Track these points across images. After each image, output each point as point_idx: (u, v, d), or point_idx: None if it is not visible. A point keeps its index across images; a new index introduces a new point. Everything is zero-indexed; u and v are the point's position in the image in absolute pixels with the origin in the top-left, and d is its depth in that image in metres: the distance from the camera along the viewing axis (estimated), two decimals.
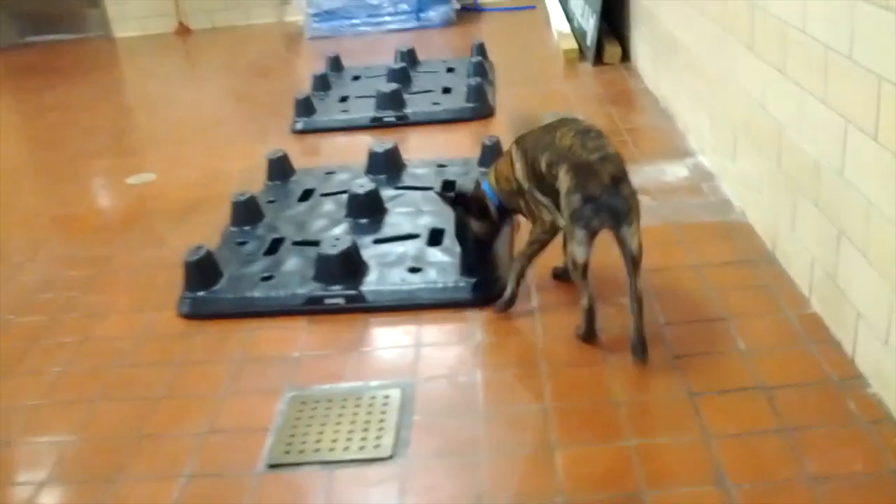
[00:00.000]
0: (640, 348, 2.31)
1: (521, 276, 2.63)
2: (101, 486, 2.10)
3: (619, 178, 2.27)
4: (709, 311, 2.56)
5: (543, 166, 2.39)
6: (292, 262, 3.01)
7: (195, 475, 2.11)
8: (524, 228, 2.76)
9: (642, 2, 4.86)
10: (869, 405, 2.08)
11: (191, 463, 2.15)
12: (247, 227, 3.31)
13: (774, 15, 2.67)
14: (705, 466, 1.95)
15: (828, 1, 2.25)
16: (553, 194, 2.37)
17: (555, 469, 1.99)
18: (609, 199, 2.25)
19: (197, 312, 2.83)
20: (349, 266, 2.83)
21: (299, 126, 4.68)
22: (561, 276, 2.75)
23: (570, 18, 6.19)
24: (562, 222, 2.39)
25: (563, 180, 2.29)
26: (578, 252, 2.31)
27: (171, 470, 2.13)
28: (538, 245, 2.55)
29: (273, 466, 2.11)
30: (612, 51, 5.31)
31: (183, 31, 8.16)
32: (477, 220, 2.67)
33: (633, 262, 2.33)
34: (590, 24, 5.44)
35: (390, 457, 2.10)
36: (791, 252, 2.67)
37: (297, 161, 3.97)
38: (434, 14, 7.14)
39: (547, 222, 2.48)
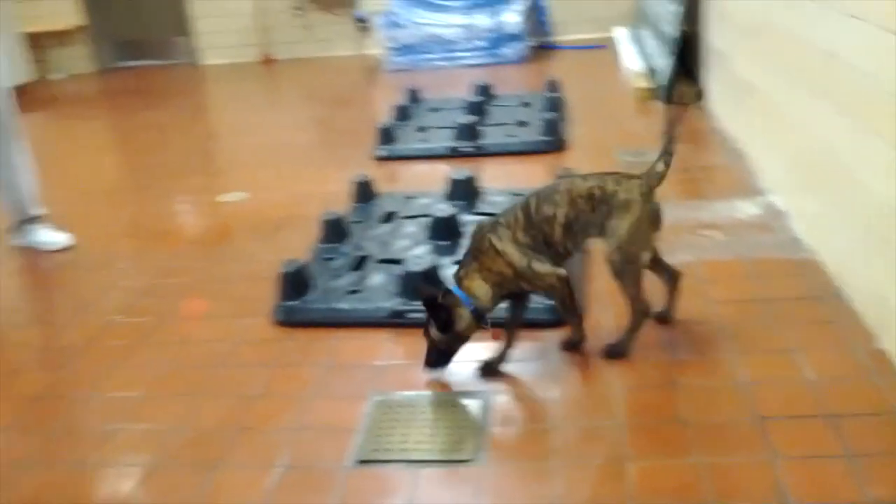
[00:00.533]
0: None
1: (581, 319, 2.69)
2: (203, 472, 2.29)
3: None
4: (778, 343, 2.66)
5: (558, 229, 2.52)
6: (377, 278, 3.20)
7: (288, 467, 2.28)
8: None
9: (716, 45, 4.99)
10: None
11: (284, 455, 2.33)
12: (334, 245, 3.52)
13: (848, 63, 2.78)
14: (771, 485, 2.05)
15: None
16: (556, 250, 2.54)
17: (626, 480, 2.12)
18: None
19: (289, 320, 3.03)
20: (431, 283, 3.00)
21: (380, 153, 4.91)
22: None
23: (644, 58, 6.34)
24: (563, 271, 2.53)
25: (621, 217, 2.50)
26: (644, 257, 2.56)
27: (267, 461, 2.31)
28: (568, 301, 2.58)
29: (361, 462, 2.28)
30: (686, 91, 5.43)
31: (267, 60, 8.54)
32: (437, 330, 2.52)
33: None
34: (664, 64, 5.58)
35: (469, 460, 2.25)
36: (860, 289, 2.76)
37: (378, 186, 4.18)
38: (509, 51, 7.37)
39: (556, 282, 2.52)
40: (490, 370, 2.63)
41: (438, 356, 2.57)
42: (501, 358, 2.65)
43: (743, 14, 4.36)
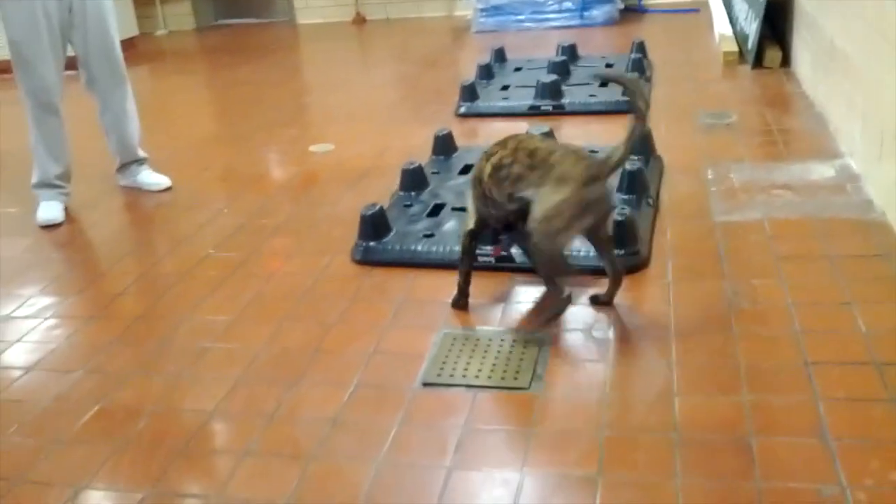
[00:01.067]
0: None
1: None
2: (285, 387, 2.52)
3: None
4: (836, 296, 2.72)
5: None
6: (451, 224, 3.37)
7: (361, 385, 2.49)
8: None
9: (806, 9, 4.94)
10: None
11: (358, 376, 2.54)
12: (413, 193, 3.71)
13: None
14: (810, 422, 2.15)
15: None
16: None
17: (673, 412, 2.24)
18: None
19: (367, 259, 3.24)
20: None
21: (462, 110, 5.06)
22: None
23: (732, 22, 6.28)
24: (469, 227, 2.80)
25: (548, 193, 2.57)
26: None
27: (342, 379, 2.52)
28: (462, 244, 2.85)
29: (426, 385, 2.47)
30: (773, 55, 5.40)
31: (359, 20, 8.76)
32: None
33: None
34: (752, 28, 5.54)
35: (526, 388, 2.41)
36: None
37: (459, 141, 4.34)
38: (597, 13, 7.38)
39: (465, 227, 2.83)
40: (597, 301, 2.79)
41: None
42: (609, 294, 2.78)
43: None
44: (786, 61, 5.38)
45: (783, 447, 2.08)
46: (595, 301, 2.81)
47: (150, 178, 4.25)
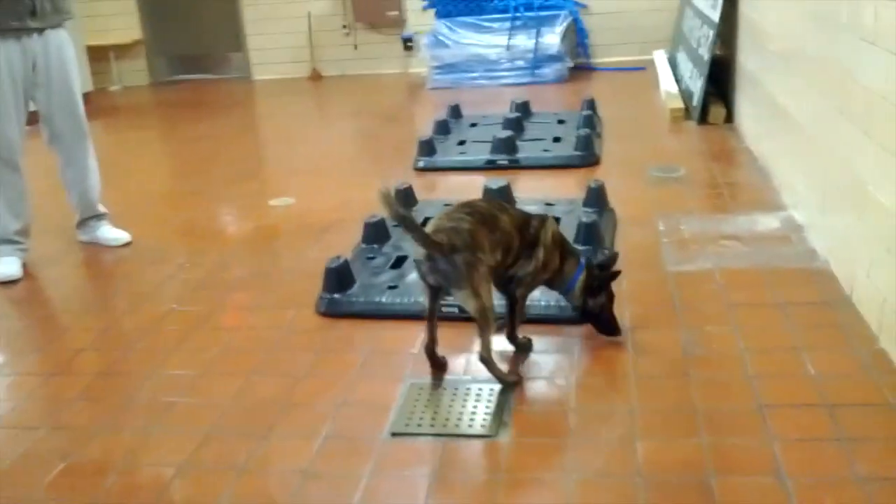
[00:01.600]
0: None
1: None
2: (255, 439, 2.54)
3: (456, 249, 2.55)
4: (786, 342, 2.85)
5: None
6: (414, 276, 3.42)
7: (331, 436, 2.53)
8: None
9: (748, 68, 5.19)
10: None
11: (327, 427, 2.57)
12: (375, 245, 3.78)
13: (862, 84, 2.98)
14: (767, 462, 2.24)
15: None
16: None
17: (636, 455, 2.32)
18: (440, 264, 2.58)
19: (332, 311, 3.28)
20: None
21: (421, 164, 5.18)
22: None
23: (678, 80, 6.55)
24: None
25: None
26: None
27: (312, 431, 2.55)
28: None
29: (395, 434, 2.51)
30: (717, 111, 5.64)
31: (315, 76, 8.90)
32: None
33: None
34: (697, 85, 5.79)
35: (494, 435, 2.47)
36: (865, 295, 2.93)
37: (418, 195, 4.44)
38: (548, 70, 7.62)
39: None
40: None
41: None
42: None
43: (773, 39, 4.55)
44: (729, 117, 5.63)
45: (742, 487, 2.17)
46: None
47: (110, 233, 4.26)
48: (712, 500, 2.12)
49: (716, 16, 5.55)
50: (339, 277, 3.35)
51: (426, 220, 4.03)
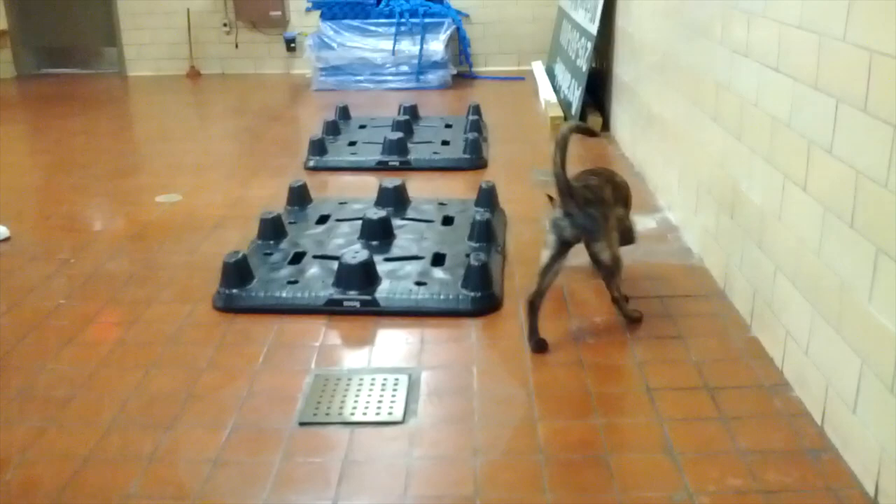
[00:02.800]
0: (629, 323, 3.08)
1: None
2: (160, 430, 2.52)
3: (592, 203, 2.92)
4: (668, 331, 3.06)
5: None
6: (314, 271, 3.48)
7: (238, 427, 2.54)
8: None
9: (623, 79, 5.48)
10: (791, 404, 2.57)
11: (234, 418, 2.58)
12: (272, 242, 3.79)
13: (735, 93, 3.24)
14: (657, 440, 2.42)
15: (775, 82, 2.81)
16: None
17: (537, 436, 2.45)
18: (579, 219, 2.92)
19: (231, 306, 3.28)
20: (366, 275, 3.30)
21: (311, 164, 5.20)
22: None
23: (556, 90, 6.82)
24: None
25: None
26: (543, 254, 2.98)
27: (218, 422, 2.55)
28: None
29: (303, 424, 2.55)
30: (594, 120, 5.91)
31: (194, 74, 8.73)
32: None
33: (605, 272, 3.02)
34: (575, 95, 6.05)
35: (401, 421, 2.55)
36: (737, 288, 3.19)
37: (311, 193, 4.46)
38: (432, 77, 7.77)
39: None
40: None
41: None
42: None
43: (649, 51, 4.84)
44: (606, 126, 5.91)
45: (636, 462, 2.33)
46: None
47: None
48: (609, 475, 2.27)
49: (594, 29, 5.83)
50: (237, 272, 3.35)
51: (323, 217, 4.10)
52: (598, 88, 6.13)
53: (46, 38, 9.05)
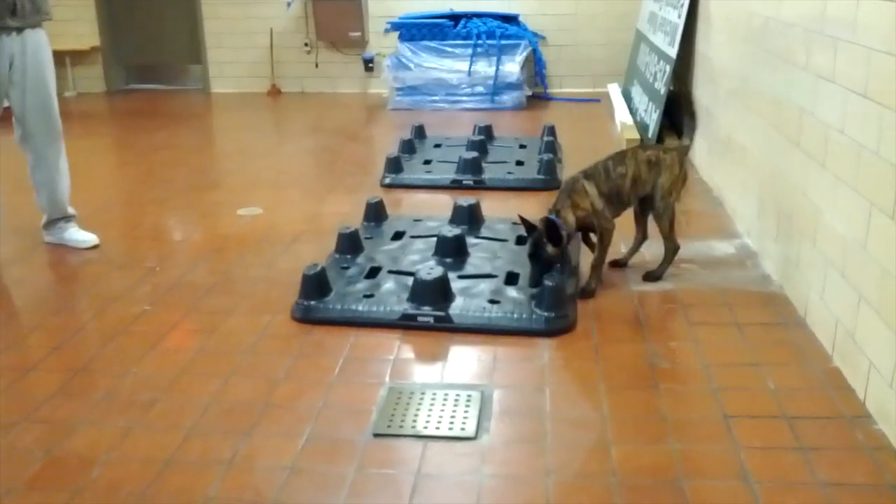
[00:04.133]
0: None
1: (600, 269, 3.59)
2: (239, 437, 2.59)
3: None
4: (746, 358, 3.01)
5: (628, 182, 3.60)
6: (389, 286, 3.53)
7: (313, 436, 2.59)
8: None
9: (702, 103, 5.43)
10: (874, 437, 2.50)
11: (310, 428, 2.63)
12: (349, 256, 3.86)
13: (819, 119, 3.18)
14: (734, 467, 2.38)
15: (862, 109, 2.76)
16: (619, 202, 3.63)
17: (610, 458, 2.44)
18: None
19: (308, 317, 3.34)
20: (440, 291, 3.34)
21: (387, 181, 5.27)
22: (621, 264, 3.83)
23: (632, 112, 6.78)
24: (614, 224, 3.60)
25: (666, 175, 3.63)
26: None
27: (294, 431, 2.61)
28: (608, 243, 3.59)
29: (377, 435, 2.59)
30: (671, 143, 5.86)
31: (274, 92, 8.94)
32: (550, 245, 3.42)
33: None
34: (652, 118, 6.01)
35: (474, 437, 2.57)
36: (819, 317, 3.12)
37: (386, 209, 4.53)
38: (507, 98, 7.80)
39: (612, 227, 3.58)
40: (651, 276, 3.70)
41: (539, 272, 3.42)
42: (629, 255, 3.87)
43: (728, 75, 4.79)
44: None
45: (712, 489, 2.30)
46: (615, 263, 3.85)
47: (78, 235, 4.25)
48: (684, 501, 2.25)
49: (673, 52, 5.79)
50: (316, 284, 3.42)
51: (398, 233, 4.16)
52: (675, 111, 6.07)
53: (135, 55, 9.39)
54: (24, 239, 4.32)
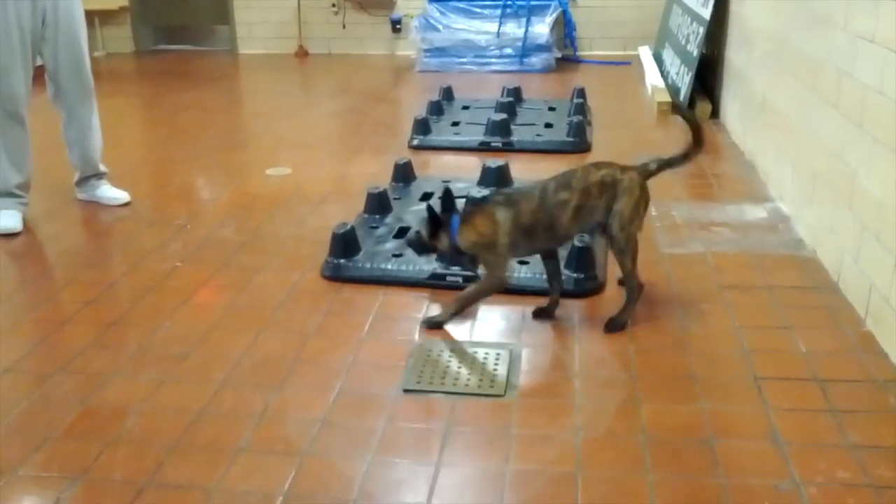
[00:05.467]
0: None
1: (457, 314, 2.97)
2: (270, 390, 2.61)
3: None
4: (777, 321, 2.99)
5: (568, 213, 2.85)
6: None
7: (343, 391, 2.61)
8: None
9: (736, 65, 5.34)
10: None
11: (339, 383, 2.65)
12: (377, 216, 3.86)
13: (858, 80, 3.12)
14: (763, 428, 2.38)
15: None
16: (545, 238, 2.89)
17: (639, 416, 2.44)
18: None
19: (338, 276, 3.36)
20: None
21: (415, 142, 5.26)
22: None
23: (664, 76, 6.69)
24: (508, 279, 2.97)
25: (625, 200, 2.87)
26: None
27: (324, 386, 2.63)
28: (484, 294, 2.96)
29: (407, 391, 2.60)
30: (703, 107, 5.79)
31: (301, 53, 8.91)
32: (424, 231, 2.96)
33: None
34: (684, 81, 5.93)
35: (502, 395, 2.58)
36: (852, 281, 3.09)
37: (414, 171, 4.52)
38: (536, 60, 7.73)
39: (501, 278, 2.92)
40: (615, 325, 2.94)
41: (418, 248, 3.02)
42: (551, 306, 3.05)
43: (764, 38, 4.70)
44: (715, 113, 5.78)
45: (741, 449, 2.30)
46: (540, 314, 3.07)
47: (110, 192, 4.28)
48: (714, 460, 2.25)
49: (707, 13, 5.70)
50: (345, 243, 3.43)
51: (426, 194, 4.15)
52: (707, 75, 5.99)
53: (163, 16, 9.39)
54: (57, 196, 4.36)
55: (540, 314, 3.04)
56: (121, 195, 4.28)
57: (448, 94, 6.22)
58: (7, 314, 3.18)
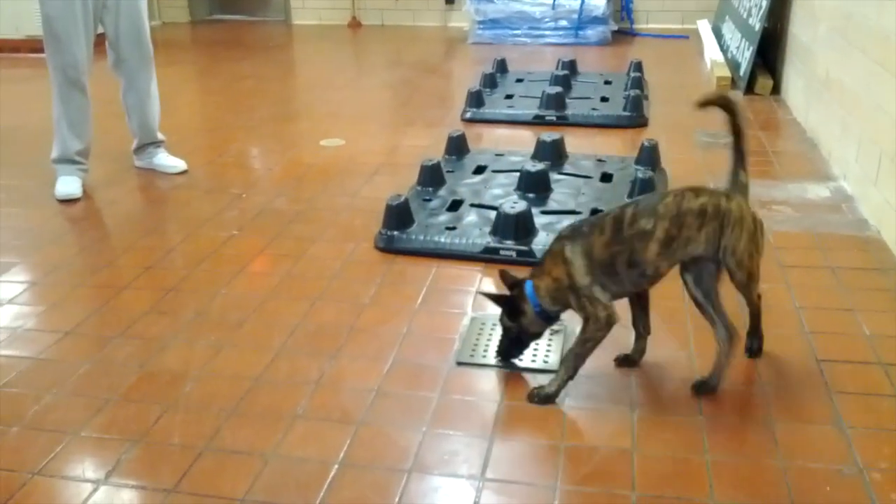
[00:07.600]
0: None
1: (571, 378, 2.41)
2: (325, 359, 2.63)
3: None
4: (840, 303, 2.91)
5: (653, 247, 2.31)
6: (471, 219, 3.52)
7: (398, 362, 2.61)
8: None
9: (800, 40, 5.19)
10: None
11: (394, 353, 2.66)
12: (431, 188, 3.85)
13: None
14: (826, 412, 2.32)
15: None
16: (629, 276, 2.35)
17: (697, 397, 2.40)
18: None
19: (391, 247, 3.36)
20: (523, 225, 3.31)
21: (468, 115, 5.22)
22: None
23: (723, 50, 6.54)
24: (618, 318, 2.37)
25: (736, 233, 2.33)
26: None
27: (379, 356, 2.64)
28: (592, 344, 2.38)
29: (460, 364, 2.60)
30: (764, 82, 5.65)
31: (355, 24, 8.90)
32: (505, 317, 2.50)
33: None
34: (745, 56, 5.79)
35: (557, 370, 2.55)
36: None
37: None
38: (591, 33, 7.61)
39: (602, 319, 2.35)
40: (625, 362, 2.57)
41: (509, 345, 2.55)
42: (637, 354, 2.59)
43: (830, 11, 4.56)
44: (776, 89, 5.64)
45: (802, 432, 2.25)
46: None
47: (167, 160, 4.33)
48: (774, 442, 2.20)
49: None
50: (398, 215, 3.42)
51: (480, 167, 4.12)
52: (768, 49, 5.84)
53: None
54: (116, 163, 4.43)
55: (623, 362, 2.58)
56: (178, 163, 4.33)
57: (502, 66, 6.16)
58: (68, 278, 3.24)
